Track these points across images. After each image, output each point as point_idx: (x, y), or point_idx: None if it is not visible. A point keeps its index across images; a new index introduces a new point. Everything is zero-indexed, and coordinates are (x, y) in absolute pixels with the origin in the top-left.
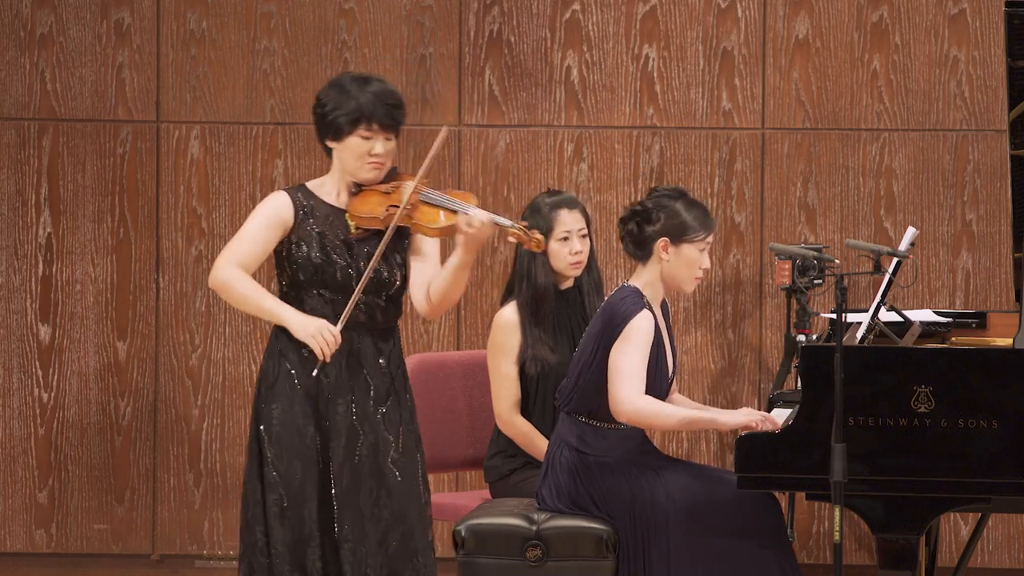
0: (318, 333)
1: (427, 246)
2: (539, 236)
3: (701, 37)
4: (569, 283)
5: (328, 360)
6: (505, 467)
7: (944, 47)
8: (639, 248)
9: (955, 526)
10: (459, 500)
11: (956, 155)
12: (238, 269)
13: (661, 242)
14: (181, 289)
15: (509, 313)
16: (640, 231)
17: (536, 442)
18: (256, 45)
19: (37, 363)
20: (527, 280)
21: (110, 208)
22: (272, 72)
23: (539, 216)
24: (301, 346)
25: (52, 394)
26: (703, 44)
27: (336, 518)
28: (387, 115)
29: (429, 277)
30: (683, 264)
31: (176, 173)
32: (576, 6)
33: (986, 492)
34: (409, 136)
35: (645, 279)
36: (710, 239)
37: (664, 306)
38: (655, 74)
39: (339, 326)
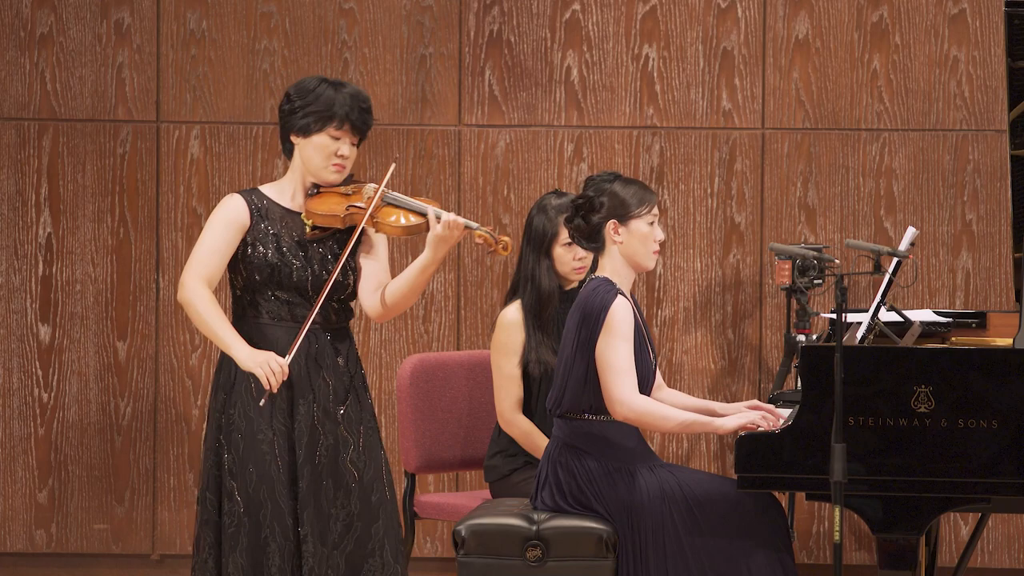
0: (264, 364)
1: (378, 249)
2: (506, 239)
3: (701, 37)
4: (573, 284)
5: (275, 391)
6: (505, 467)
7: (944, 47)
8: (592, 240)
9: (955, 526)
10: (459, 500)
11: (956, 155)
12: (204, 287)
13: (610, 225)
14: None
15: (513, 313)
16: (588, 222)
17: (537, 441)
18: (256, 45)
19: (37, 363)
20: (531, 283)
21: (110, 208)
22: (272, 72)
23: (545, 217)
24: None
25: (52, 394)
26: (703, 44)
27: (298, 518)
28: (360, 118)
29: (380, 280)
30: (637, 241)
31: (176, 173)
32: (576, 6)
33: (986, 492)
34: (409, 136)
35: (610, 268)
36: (655, 211)
37: (632, 297)
38: (655, 74)
39: (288, 359)
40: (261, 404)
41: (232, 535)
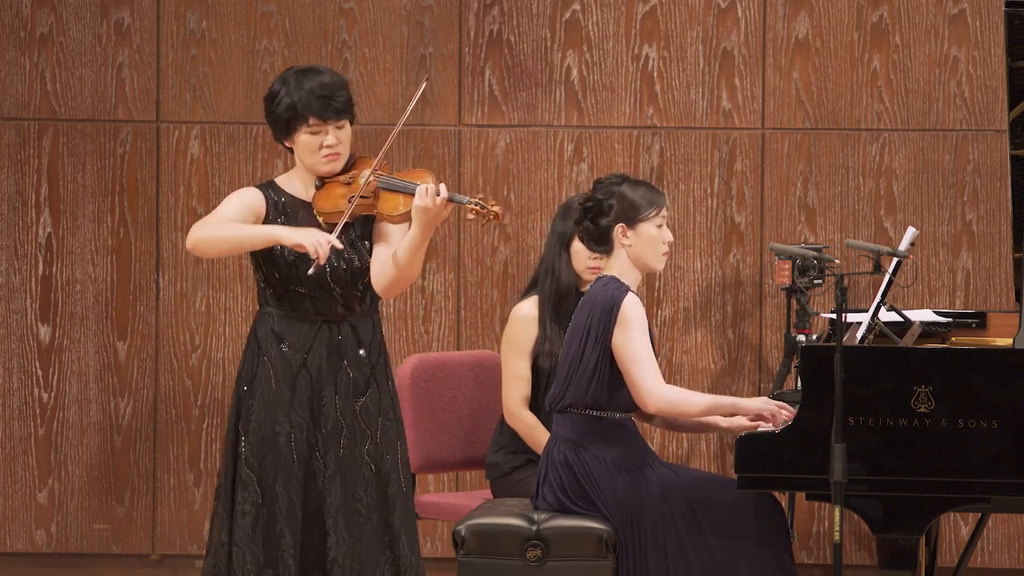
0: (311, 235)
1: (390, 229)
2: (496, 209)
3: (701, 37)
4: (587, 286)
5: (323, 262)
6: (507, 465)
7: (944, 47)
8: (600, 242)
9: (955, 526)
10: (459, 500)
11: (956, 155)
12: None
13: (618, 228)
14: (181, 289)
15: (527, 308)
16: (596, 225)
17: (540, 437)
18: (256, 45)
19: (37, 363)
20: (552, 274)
21: (110, 208)
22: (272, 72)
23: (570, 217)
24: (280, 340)
25: (52, 394)
26: (703, 44)
27: (306, 513)
28: (323, 108)
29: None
30: (645, 244)
31: (176, 173)
32: (576, 6)
33: (986, 492)
34: (409, 136)
35: (618, 268)
36: (664, 213)
37: None
38: (655, 74)
39: (334, 235)
40: (310, 273)
41: (250, 525)
